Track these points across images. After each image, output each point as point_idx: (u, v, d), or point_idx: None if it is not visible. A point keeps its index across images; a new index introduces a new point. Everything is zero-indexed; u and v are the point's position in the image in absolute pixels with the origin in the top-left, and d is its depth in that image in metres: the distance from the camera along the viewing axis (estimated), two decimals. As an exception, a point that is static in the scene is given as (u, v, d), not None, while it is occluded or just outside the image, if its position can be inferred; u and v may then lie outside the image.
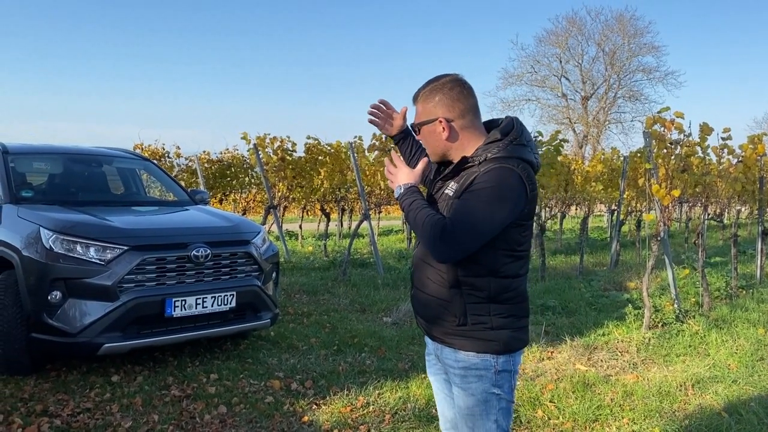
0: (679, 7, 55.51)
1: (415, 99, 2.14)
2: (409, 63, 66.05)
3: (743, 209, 11.40)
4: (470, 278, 2.00)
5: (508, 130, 2.02)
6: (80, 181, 5.84)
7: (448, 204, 2.02)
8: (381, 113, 2.50)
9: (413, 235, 10.53)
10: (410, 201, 2.04)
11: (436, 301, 2.07)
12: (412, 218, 2.02)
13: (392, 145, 2.53)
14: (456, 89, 2.06)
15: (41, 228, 4.30)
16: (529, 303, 2.15)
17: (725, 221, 12.12)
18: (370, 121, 2.49)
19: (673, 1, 55.27)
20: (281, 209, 11.26)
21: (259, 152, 10.18)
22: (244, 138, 10.32)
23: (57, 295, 4.15)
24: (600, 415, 3.94)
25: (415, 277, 2.18)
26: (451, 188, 2.04)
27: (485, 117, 2.17)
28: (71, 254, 4.22)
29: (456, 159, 2.09)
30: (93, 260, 4.22)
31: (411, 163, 2.51)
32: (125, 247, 4.29)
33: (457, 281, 2.01)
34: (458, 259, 1.95)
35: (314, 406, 4.04)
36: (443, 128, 2.06)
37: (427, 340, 2.26)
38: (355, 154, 9.48)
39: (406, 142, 2.56)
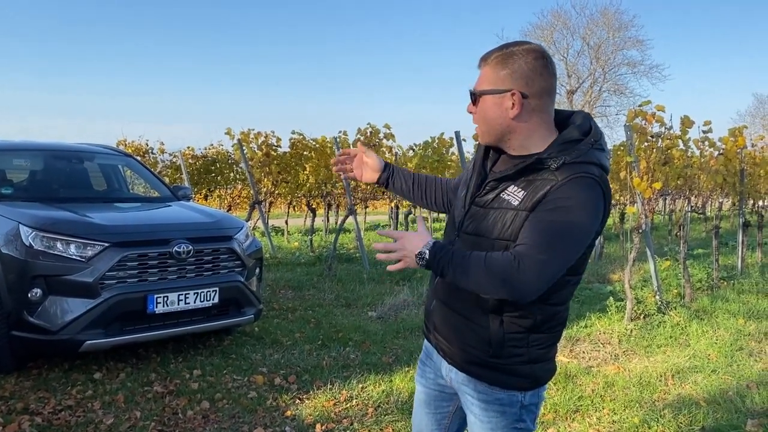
0: (662, 2, 55.84)
1: (485, 60, 1.71)
2: (394, 57, 65.96)
3: (725, 201, 11.53)
4: (515, 304, 1.68)
5: (587, 130, 1.69)
6: (61, 178, 5.79)
7: (509, 214, 1.66)
8: (348, 162, 2.17)
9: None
10: (447, 259, 1.64)
11: (467, 324, 1.74)
12: (464, 275, 1.62)
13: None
14: (540, 61, 1.67)
15: (20, 225, 4.26)
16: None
17: (707, 213, 12.23)
18: (346, 176, 2.29)
19: (657, -5, 55.59)
20: (267, 205, 11.24)
21: (244, 148, 10.16)
22: (228, 133, 10.30)
23: (37, 292, 4.12)
24: (581, 405, 3.98)
25: (442, 288, 1.83)
26: (513, 194, 1.67)
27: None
28: (51, 251, 4.19)
29: (512, 148, 1.74)
30: (74, 257, 4.19)
31: (416, 195, 2.16)
32: (106, 244, 4.26)
33: (500, 307, 1.70)
34: (543, 292, 1.62)
35: (297, 401, 4.05)
36: (513, 104, 1.66)
37: (430, 350, 1.99)
38: (340, 149, 9.46)
39: (395, 177, 2.16)
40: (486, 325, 1.72)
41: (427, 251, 1.65)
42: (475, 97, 1.73)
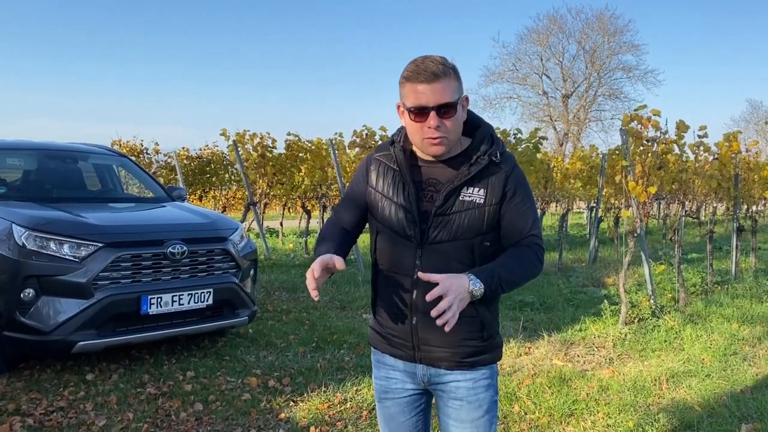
0: (658, 7, 56.10)
1: (446, 73, 1.77)
2: (390, 60, 65.99)
3: (719, 206, 11.57)
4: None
5: (485, 124, 1.95)
6: (55, 178, 5.76)
7: (477, 212, 1.82)
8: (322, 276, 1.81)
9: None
10: (496, 281, 1.75)
11: (460, 321, 1.73)
12: (514, 285, 1.82)
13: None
14: None
15: (13, 224, 4.23)
16: None
17: (702, 218, 12.26)
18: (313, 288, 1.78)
19: (652, 0, 55.84)
20: (261, 206, 11.21)
21: (239, 149, 10.12)
22: (223, 134, 10.26)
23: (30, 292, 4.10)
24: (576, 409, 3.97)
25: (424, 301, 1.75)
26: (474, 194, 1.83)
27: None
28: (44, 251, 4.16)
29: (448, 154, 1.86)
30: (67, 257, 4.17)
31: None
32: (100, 244, 4.24)
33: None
34: None
35: (291, 403, 4.03)
36: (463, 109, 1.85)
37: (395, 362, 1.99)
38: (336, 151, 9.45)
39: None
40: (477, 315, 1.87)
41: (479, 284, 1.70)
42: (453, 108, 1.78)
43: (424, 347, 1.91)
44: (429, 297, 1.65)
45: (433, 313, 1.63)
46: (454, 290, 1.64)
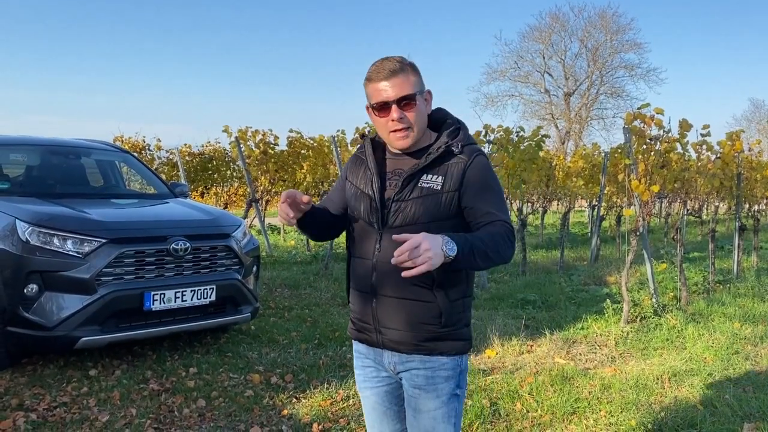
0: (661, 5, 55.98)
1: (403, 69, 1.88)
2: (393, 57, 65.80)
3: (721, 205, 11.56)
4: (452, 273, 1.88)
5: (451, 117, 2.03)
6: (58, 173, 5.76)
7: (434, 198, 1.88)
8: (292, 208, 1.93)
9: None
10: (468, 248, 1.71)
11: (416, 305, 1.90)
12: (486, 258, 1.77)
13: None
14: None
15: (17, 220, 4.24)
16: None
17: (704, 217, 12.26)
18: (289, 218, 1.91)
19: (655, -2, 55.70)
20: (263, 203, 11.22)
21: (241, 145, 10.13)
22: (225, 131, 10.27)
23: (33, 288, 4.10)
24: (578, 407, 3.98)
25: (382, 283, 1.94)
26: (432, 181, 1.89)
27: (471, 112, 2.11)
28: (48, 247, 4.17)
29: (416, 145, 1.94)
30: (70, 253, 4.17)
31: (324, 233, 2.15)
32: (103, 240, 4.24)
33: (442, 282, 1.89)
34: None
35: (294, 400, 4.03)
36: (427, 101, 1.96)
37: (367, 350, 2.08)
38: (338, 148, 9.45)
39: (310, 214, 2.02)
40: (434, 300, 1.91)
41: (452, 244, 1.68)
42: (413, 99, 1.88)
43: (384, 329, 1.98)
44: (398, 251, 1.61)
45: (394, 259, 1.62)
46: (426, 243, 1.61)
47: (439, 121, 2.01)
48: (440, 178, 1.89)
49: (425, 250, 1.61)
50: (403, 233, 1.70)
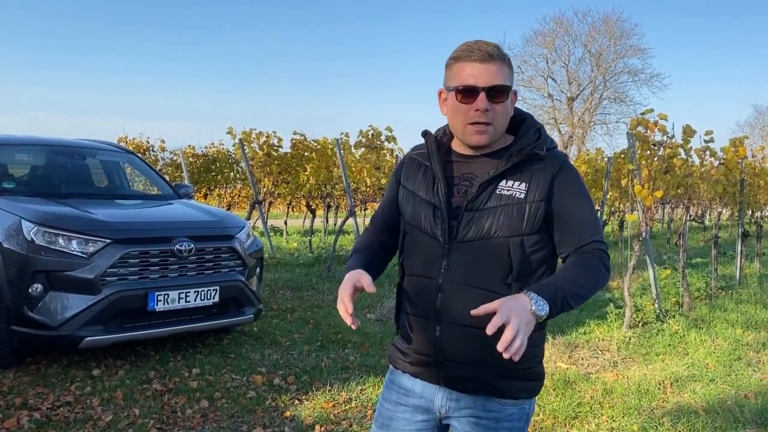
0: (665, 10, 55.99)
1: (501, 57, 1.63)
2: (397, 61, 65.98)
3: (724, 211, 11.55)
4: None
5: (526, 119, 1.79)
6: (63, 173, 5.78)
7: (516, 208, 1.61)
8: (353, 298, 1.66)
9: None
10: (561, 296, 1.49)
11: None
12: (581, 298, 1.55)
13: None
14: None
15: (22, 220, 4.26)
16: None
17: (706, 222, 12.26)
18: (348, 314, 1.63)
19: (659, 3, 55.80)
20: (266, 205, 11.24)
21: (245, 147, 10.16)
22: (229, 132, 10.30)
23: (38, 287, 4.12)
24: (580, 412, 3.98)
25: (449, 308, 1.64)
26: (514, 188, 1.63)
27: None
28: (53, 247, 4.18)
29: (489, 147, 1.70)
30: (75, 253, 4.19)
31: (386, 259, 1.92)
32: (108, 240, 4.26)
33: None
34: None
35: (296, 402, 4.04)
36: (512, 101, 1.69)
37: (413, 384, 1.78)
38: (342, 151, 9.46)
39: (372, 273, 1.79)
40: None
41: (543, 302, 1.45)
42: (505, 92, 1.63)
43: (448, 363, 1.67)
44: (489, 329, 1.37)
45: (500, 346, 1.36)
46: (516, 314, 1.39)
47: (515, 120, 1.75)
48: (524, 185, 1.62)
49: (506, 312, 1.38)
50: (471, 249, 1.58)
